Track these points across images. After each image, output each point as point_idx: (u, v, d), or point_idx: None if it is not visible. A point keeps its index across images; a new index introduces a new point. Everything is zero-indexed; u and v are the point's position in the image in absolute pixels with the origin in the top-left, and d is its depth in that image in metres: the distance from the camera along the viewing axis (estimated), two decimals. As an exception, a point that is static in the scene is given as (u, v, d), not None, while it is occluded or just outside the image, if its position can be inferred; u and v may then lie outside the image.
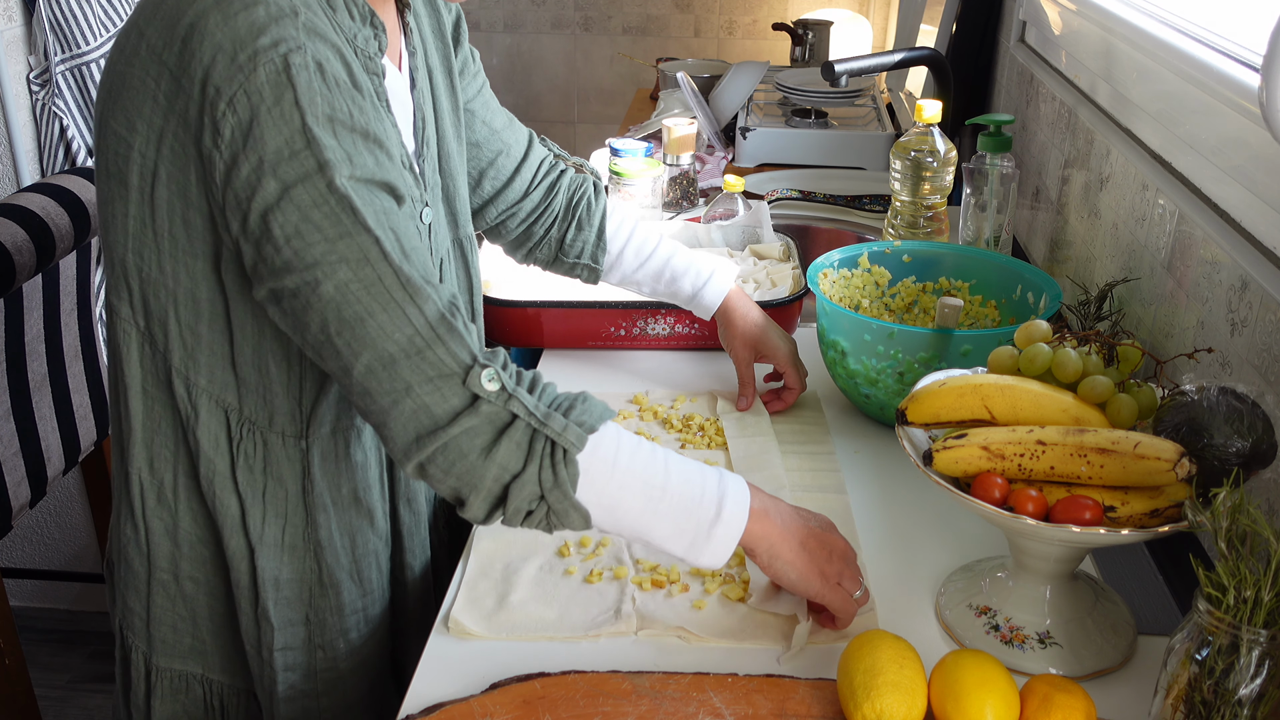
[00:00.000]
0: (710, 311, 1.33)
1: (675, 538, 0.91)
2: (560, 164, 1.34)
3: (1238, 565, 0.72)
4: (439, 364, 0.86)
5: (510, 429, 0.87)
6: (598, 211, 1.32)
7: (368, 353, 0.85)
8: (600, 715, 0.88)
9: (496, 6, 3.67)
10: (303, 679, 1.06)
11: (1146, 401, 0.91)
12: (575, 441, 0.87)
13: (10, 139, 2.03)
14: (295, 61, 0.83)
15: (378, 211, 0.86)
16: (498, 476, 0.87)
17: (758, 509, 0.94)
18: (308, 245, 0.84)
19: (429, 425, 0.86)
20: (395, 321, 0.85)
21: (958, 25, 2.16)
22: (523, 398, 0.87)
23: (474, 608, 1.00)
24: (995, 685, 0.82)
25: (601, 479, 0.89)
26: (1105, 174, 1.40)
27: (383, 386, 0.86)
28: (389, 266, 0.85)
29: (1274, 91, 0.81)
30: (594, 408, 0.90)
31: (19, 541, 2.48)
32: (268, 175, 0.83)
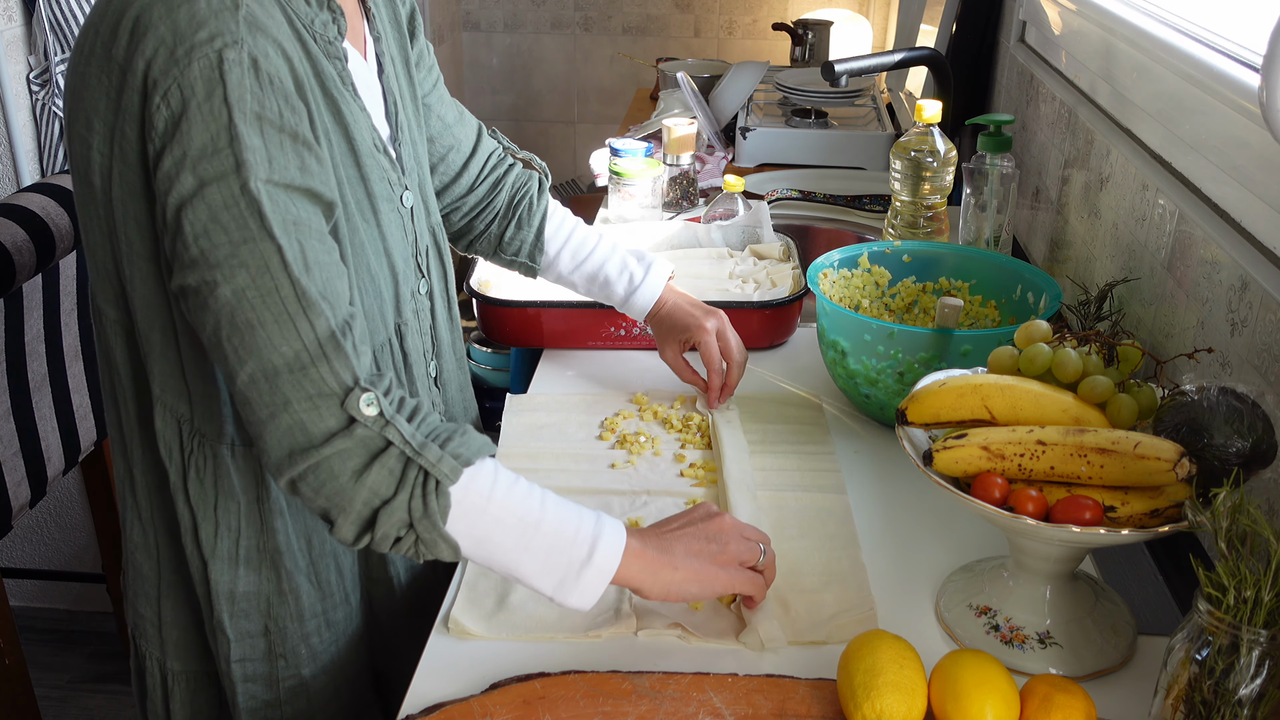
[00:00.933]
0: (643, 315, 1.33)
1: (544, 575, 0.91)
2: (508, 158, 1.34)
3: (1238, 565, 0.72)
4: (320, 382, 0.85)
5: (384, 455, 0.86)
6: (538, 211, 1.32)
7: (252, 361, 0.85)
8: (600, 715, 0.88)
9: (496, 6, 3.67)
10: (264, 689, 1.06)
11: (1146, 401, 0.91)
12: (449, 474, 0.87)
13: (10, 139, 2.03)
14: (229, 57, 0.83)
15: (286, 220, 0.85)
16: (367, 500, 0.86)
17: (635, 548, 0.92)
18: (214, 246, 0.84)
19: (303, 443, 0.86)
20: (284, 334, 0.85)
21: (958, 25, 2.16)
22: (400, 425, 0.87)
23: (474, 608, 1.00)
24: (995, 685, 0.82)
25: (474, 512, 0.89)
26: (1105, 174, 1.40)
27: (262, 398, 0.85)
28: (287, 277, 0.84)
29: (1274, 91, 0.81)
30: (472, 441, 0.90)
31: (19, 541, 2.48)
32: (186, 170, 0.83)
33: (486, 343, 3.21)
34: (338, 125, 0.97)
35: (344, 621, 1.09)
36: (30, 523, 2.45)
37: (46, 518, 2.45)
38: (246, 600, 1.02)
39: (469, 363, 3.38)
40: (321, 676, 1.08)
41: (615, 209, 1.90)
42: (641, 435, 1.28)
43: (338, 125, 0.97)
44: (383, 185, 1.03)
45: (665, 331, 1.32)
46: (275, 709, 1.06)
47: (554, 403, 1.37)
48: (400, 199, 1.06)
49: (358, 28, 1.05)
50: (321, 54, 0.94)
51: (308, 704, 1.08)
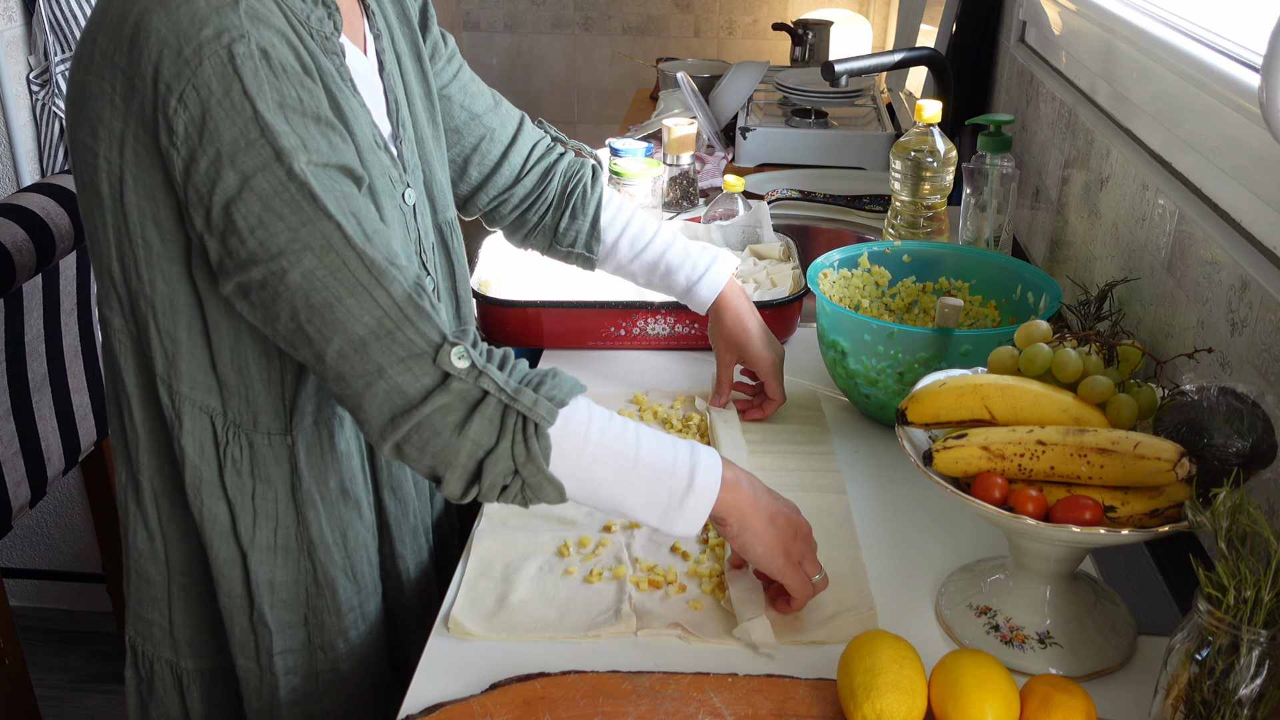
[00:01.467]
0: (704, 307, 1.32)
1: (649, 508, 0.93)
2: (558, 147, 1.32)
3: (1238, 565, 0.72)
4: (409, 344, 0.86)
5: (482, 405, 0.87)
6: (593, 199, 1.30)
7: (338, 337, 0.86)
8: (600, 715, 0.88)
9: (496, 6, 3.67)
10: (304, 681, 1.06)
11: (1146, 401, 0.91)
12: (546, 416, 0.88)
13: (10, 139, 2.03)
14: (239, 51, 0.83)
15: (337, 196, 0.86)
16: (471, 453, 0.88)
17: (730, 479, 0.95)
18: (272, 235, 0.84)
19: (402, 405, 0.87)
20: (363, 304, 0.86)
21: (958, 25, 2.16)
22: (493, 374, 0.88)
23: (474, 608, 1.00)
24: (995, 685, 0.82)
25: (574, 452, 0.90)
26: (1105, 174, 1.40)
27: (355, 370, 0.87)
28: (353, 251, 0.86)
29: (1274, 91, 0.81)
30: (564, 382, 0.91)
31: (19, 541, 2.48)
32: (226, 167, 0.83)
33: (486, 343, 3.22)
34: (338, 120, 0.96)
35: (375, 613, 1.09)
36: (30, 523, 2.45)
37: (46, 518, 2.45)
38: (285, 590, 1.03)
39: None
40: (359, 669, 1.08)
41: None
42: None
43: (338, 120, 0.96)
44: (384, 182, 1.03)
45: (728, 344, 1.32)
46: (315, 701, 1.07)
47: None
48: (402, 196, 1.06)
49: (357, 25, 1.05)
50: (318, 49, 0.94)
51: (345, 698, 1.08)
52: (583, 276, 1.45)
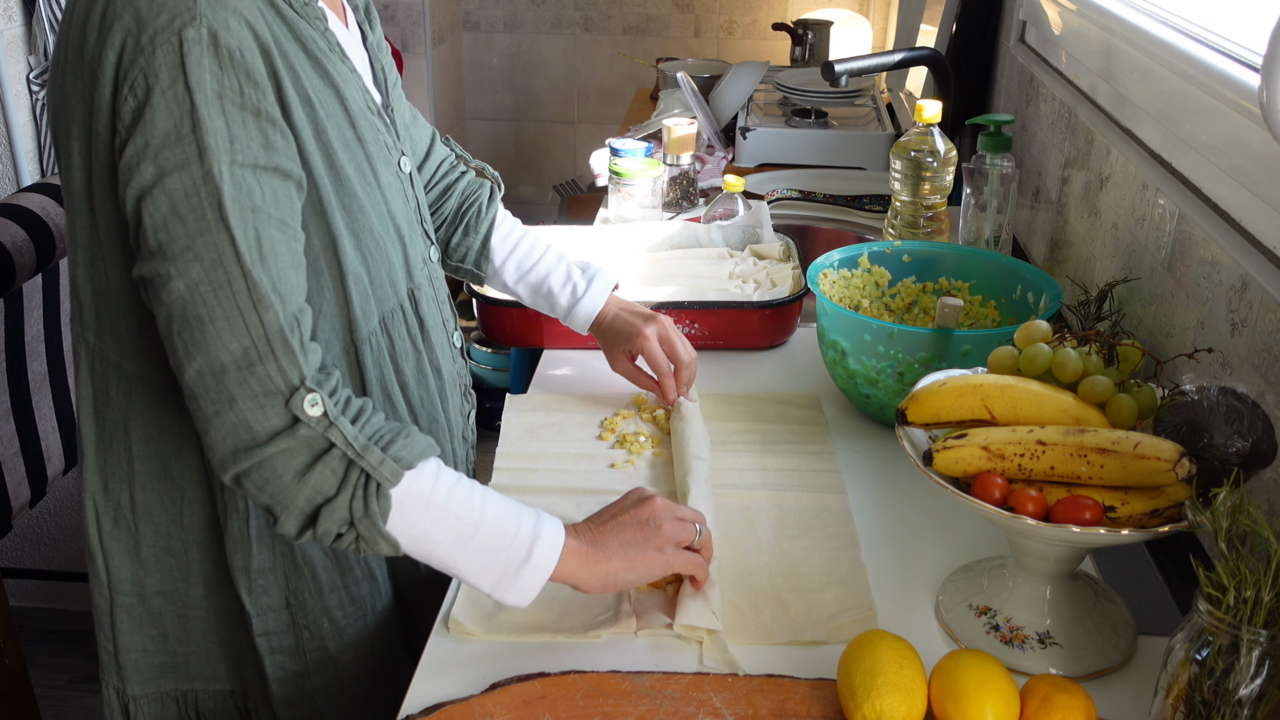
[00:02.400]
0: (585, 328, 1.32)
1: (483, 574, 0.92)
2: (460, 166, 1.34)
3: (1238, 565, 0.72)
4: (266, 380, 0.85)
5: (327, 456, 0.87)
6: (486, 219, 1.31)
7: (200, 357, 0.85)
8: (600, 715, 0.88)
9: (496, 6, 3.67)
10: (291, 660, 1.06)
11: (1146, 401, 0.91)
12: (390, 476, 0.88)
13: (10, 139, 2.03)
14: (188, 36, 0.83)
15: (245, 208, 0.85)
16: (310, 498, 0.87)
17: (572, 546, 0.94)
18: (171, 238, 0.84)
19: (247, 441, 0.86)
20: (233, 330, 0.85)
21: (958, 25, 2.16)
22: (343, 427, 0.87)
23: (474, 608, 1.00)
24: (995, 685, 0.82)
25: (414, 513, 0.90)
26: (1105, 174, 1.40)
27: (209, 394, 0.86)
28: (239, 268, 0.85)
29: (1274, 91, 0.81)
30: (415, 444, 0.91)
31: (19, 541, 2.48)
32: (148, 160, 0.83)
33: (486, 343, 3.21)
34: (328, 86, 0.96)
35: (370, 598, 1.09)
36: (30, 523, 2.45)
37: (46, 518, 2.45)
38: (263, 576, 1.03)
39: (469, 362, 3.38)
40: (349, 651, 1.08)
41: (615, 209, 1.90)
42: (641, 435, 1.28)
43: (328, 86, 0.96)
44: (380, 148, 1.02)
45: (609, 343, 1.32)
46: (305, 679, 1.07)
47: (554, 403, 1.37)
48: (399, 164, 1.06)
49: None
50: (298, 16, 0.94)
51: (336, 676, 1.08)
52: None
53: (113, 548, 1.02)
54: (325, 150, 0.95)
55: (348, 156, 0.97)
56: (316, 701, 1.08)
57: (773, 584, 1.03)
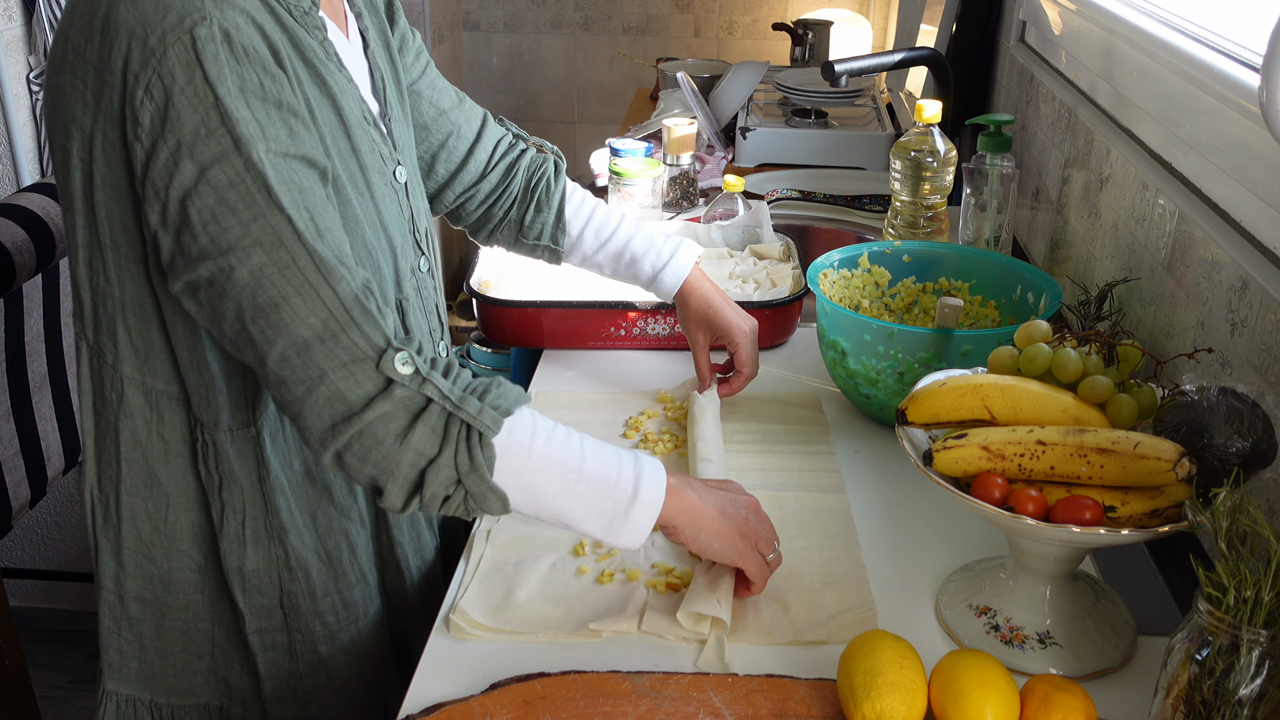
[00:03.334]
0: (670, 294, 1.31)
1: (593, 519, 0.92)
2: (520, 144, 1.32)
3: (1238, 565, 0.72)
4: (352, 348, 0.85)
5: (425, 413, 0.86)
6: (557, 192, 1.30)
7: (281, 340, 0.84)
8: (600, 715, 0.88)
9: (496, 6, 3.67)
10: (285, 658, 1.06)
11: (1146, 401, 0.91)
12: (491, 425, 0.87)
13: (10, 139, 2.03)
14: (201, 34, 0.82)
15: (292, 189, 0.85)
16: (414, 462, 0.86)
17: (674, 486, 0.94)
18: (224, 230, 0.83)
19: (344, 412, 0.85)
20: (309, 305, 0.84)
21: (958, 25, 2.16)
22: (437, 381, 0.86)
23: (483, 601, 1.00)
24: (995, 685, 0.82)
25: (518, 462, 0.89)
26: (1105, 174, 1.40)
27: (297, 374, 0.85)
28: (303, 247, 0.84)
29: (1274, 91, 0.81)
30: (509, 392, 0.90)
31: (19, 541, 2.48)
32: (185, 158, 0.82)
33: (486, 343, 3.21)
34: (324, 96, 0.96)
35: (362, 602, 1.08)
36: (30, 523, 2.45)
37: (46, 518, 2.45)
38: (258, 576, 1.03)
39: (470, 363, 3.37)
40: (340, 655, 1.08)
41: (615, 209, 1.89)
42: (666, 434, 1.28)
43: (324, 96, 0.96)
44: (374, 158, 1.02)
45: (698, 323, 1.31)
46: (297, 680, 1.07)
47: (579, 401, 1.37)
48: (394, 174, 1.06)
49: (337, 4, 1.05)
50: (298, 25, 0.94)
51: (328, 679, 1.08)
52: (583, 276, 1.45)
53: (102, 543, 1.03)
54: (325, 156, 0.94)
55: (342, 165, 0.97)
56: (307, 703, 1.08)
57: (773, 584, 1.03)
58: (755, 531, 0.98)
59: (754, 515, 0.99)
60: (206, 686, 1.07)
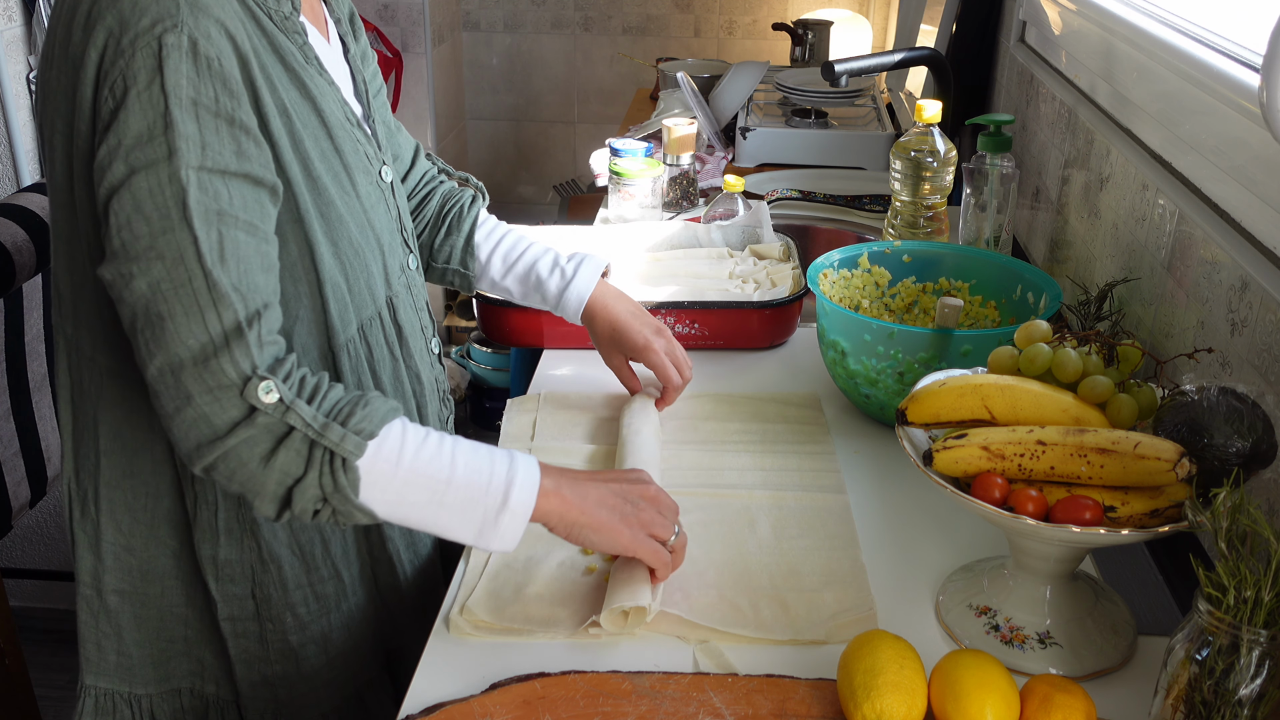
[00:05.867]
0: (575, 315, 1.30)
1: (463, 526, 0.93)
2: (441, 176, 1.35)
3: (1238, 565, 0.72)
4: (220, 374, 0.86)
5: (288, 439, 0.88)
6: (468, 219, 1.32)
7: (161, 355, 0.86)
8: (600, 715, 0.88)
9: (496, 6, 3.67)
10: (255, 644, 1.07)
11: (1146, 401, 0.91)
12: (353, 450, 0.89)
13: (10, 139, 2.03)
14: (169, 42, 0.84)
15: (209, 210, 0.86)
16: (280, 481, 0.88)
17: (548, 489, 0.95)
18: (135, 237, 0.85)
19: (208, 435, 0.87)
20: (192, 326, 0.86)
21: (958, 25, 2.16)
22: (300, 409, 0.88)
23: (492, 599, 1.00)
24: (995, 685, 0.82)
25: (385, 478, 0.91)
26: (1105, 174, 1.40)
27: (169, 392, 0.87)
28: (200, 267, 0.86)
29: (1274, 91, 0.81)
30: (375, 412, 0.91)
31: (19, 541, 2.48)
32: (119, 159, 0.84)
33: (486, 343, 3.21)
34: (304, 99, 0.97)
35: (335, 596, 1.09)
36: (30, 523, 2.45)
37: (46, 518, 2.45)
38: (230, 567, 1.04)
39: (469, 362, 3.36)
40: (310, 645, 1.09)
41: (615, 209, 1.90)
42: None
43: (304, 99, 0.97)
44: (359, 158, 1.04)
45: (609, 343, 1.29)
46: (266, 665, 1.08)
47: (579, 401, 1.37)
48: (380, 173, 1.08)
49: (317, 10, 1.07)
50: (277, 29, 0.95)
51: (296, 667, 1.09)
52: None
53: (80, 536, 1.04)
54: (302, 160, 0.96)
55: (325, 166, 0.99)
56: (276, 687, 1.09)
57: (773, 584, 1.03)
58: (645, 520, 0.97)
59: (645, 501, 0.99)
60: (181, 669, 1.08)
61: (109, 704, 1.08)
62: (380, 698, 1.16)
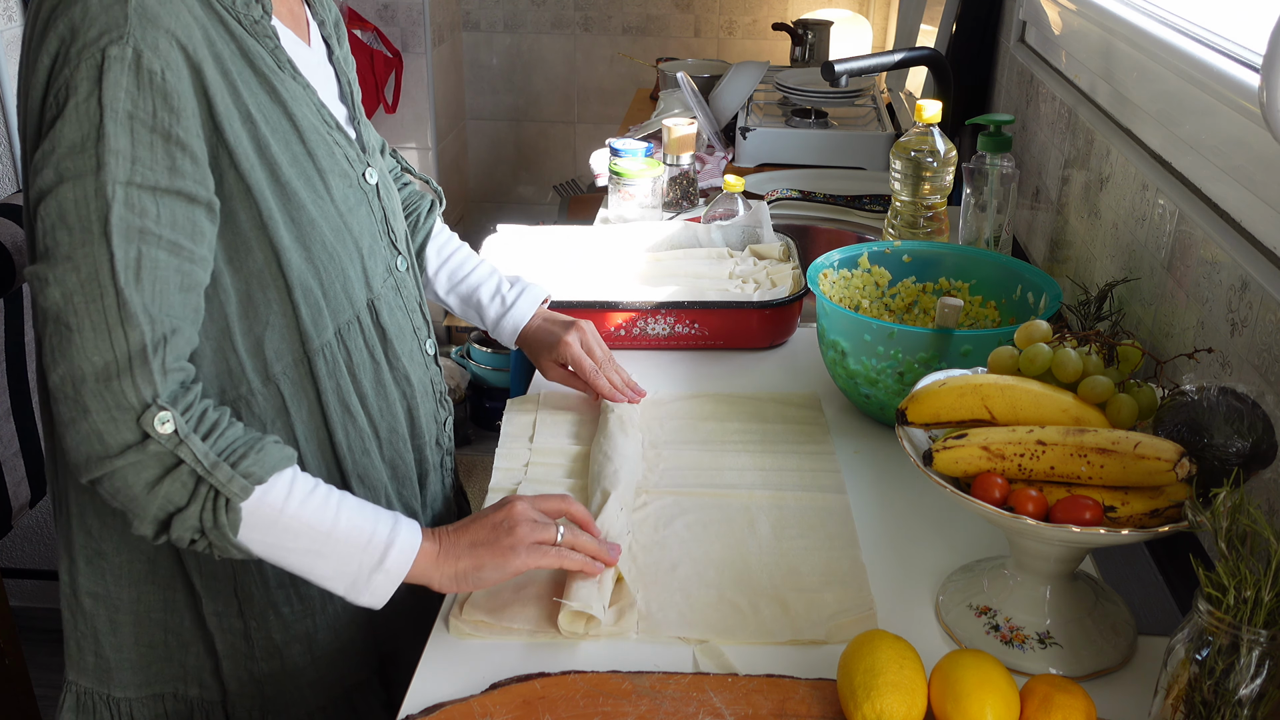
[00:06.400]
0: (511, 340, 1.34)
1: (337, 579, 0.95)
2: (405, 177, 1.36)
3: (1238, 565, 0.72)
4: (120, 395, 0.87)
5: (176, 470, 0.89)
6: (423, 229, 1.33)
7: (64, 364, 0.87)
8: (600, 715, 0.88)
9: (496, 6, 3.67)
10: (241, 641, 1.08)
11: (1146, 401, 0.91)
12: (239, 492, 0.90)
13: (10, 139, 2.03)
14: (112, 54, 0.85)
15: (132, 228, 0.87)
16: (162, 507, 0.89)
17: (428, 549, 0.97)
18: (56, 244, 0.86)
19: (99, 451, 0.88)
20: (98, 343, 0.86)
21: (958, 25, 2.16)
22: (193, 445, 0.88)
23: (489, 599, 1.00)
24: (995, 685, 0.82)
25: (266, 522, 0.92)
26: (1105, 174, 1.40)
27: (68, 402, 0.88)
28: (113, 285, 0.86)
29: (1274, 91, 0.81)
30: (268, 457, 0.92)
31: (19, 541, 2.48)
32: (50, 165, 0.85)
33: (486, 342, 3.21)
34: (275, 104, 0.97)
35: (319, 598, 1.09)
36: (30, 523, 2.45)
37: (46, 518, 2.45)
38: (212, 564, 1.05)
39: (469, 362, 3.36)
40: (295, 645, 1.09)
41: (615, 209, 1.90)
42: None
43: (275, 104, 0.97)
44: (335, 162, 1.03)
45: (537, 354, 1.35)
46: (252, 663, 1.09)
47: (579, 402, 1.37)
48: (362, 175, 1.07)
49: (299, 13, 1.07)
50: (247, 33, 0.95)
51: (281, 665, 1.09)
52: (583, 277, 1.45)
53: (60, 536, 1.05)
54: (269, 164, 0.96)
55: (295, 171, 0.98)
56: (263, 685, 1.09)
57: (773, 584, 1.03)
58: (520, 535, 0.98)
59: (511, 519, 0.99)
60: (161, 674, 1.09)
61: (89, 703, 1.09)
62: (369, 700, 1.16)
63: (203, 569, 1.04)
